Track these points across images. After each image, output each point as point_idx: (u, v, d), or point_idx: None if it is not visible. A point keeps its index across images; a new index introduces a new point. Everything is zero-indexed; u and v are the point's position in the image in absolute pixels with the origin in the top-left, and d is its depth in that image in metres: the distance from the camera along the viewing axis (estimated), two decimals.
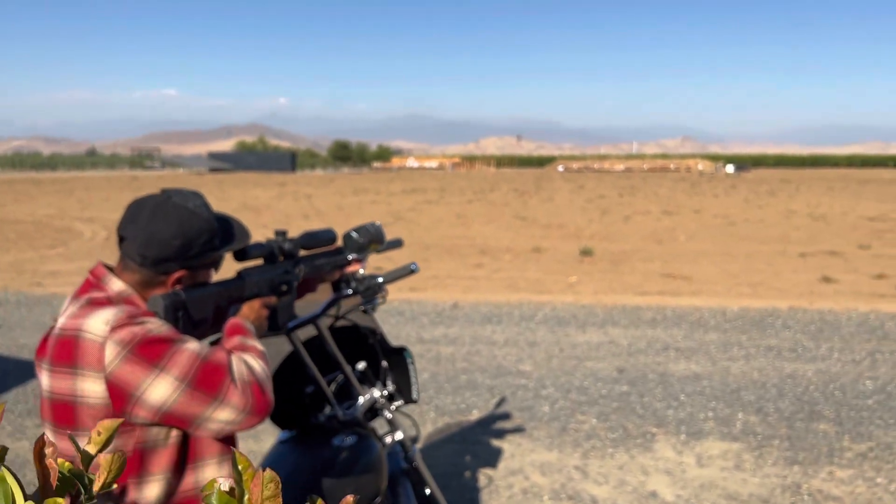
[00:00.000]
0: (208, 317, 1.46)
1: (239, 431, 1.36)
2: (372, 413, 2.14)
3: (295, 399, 2.01)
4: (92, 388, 1.28)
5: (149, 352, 1.28)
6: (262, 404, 1.35)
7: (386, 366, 2.21)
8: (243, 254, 1.54)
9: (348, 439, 1.93)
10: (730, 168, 63.49)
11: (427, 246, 12.20)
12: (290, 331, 1.88)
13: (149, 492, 1.33)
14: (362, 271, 1.95)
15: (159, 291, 1.40)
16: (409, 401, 2.21)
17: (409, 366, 2.18)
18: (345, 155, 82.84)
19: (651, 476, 3.45)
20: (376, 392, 2.10)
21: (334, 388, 2.05)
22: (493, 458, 3.68)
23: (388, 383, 2.20)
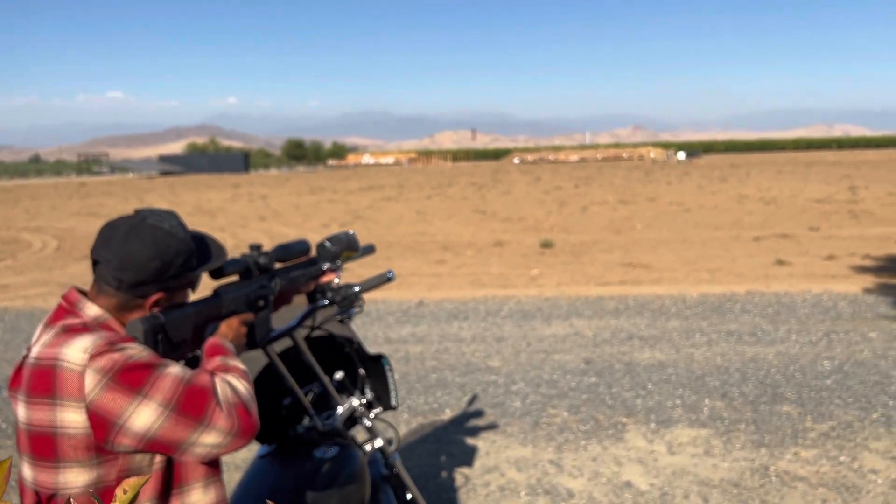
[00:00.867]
0: (188, 338, 1.43)
1: (225, 454, 1.34)
2: (351, 421, 2.13)
3: (273, 412, 1.98)
4: (72, 419, 1.25)
5: (130, 378, 1.24)
6: (249, 426, 1.33)
7: (364, 374, 2.20)
8: (219, 272, 1.51)
9: (330, 450, 1.92)
10: (681, 155, 64.88)
11: (388, 244, 12.16)
12: (265, 343, 1.85)
13: None
14: (337, 281, 1.94)
15: (137, 315, 1.36)
16: (388, 408, 2.20)
17: (388, 373, 2.18)
18: (299, 154, 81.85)
19: (624, 466, 3.51)
20: (355, 401, 2.09)
21: (312, 398, 2.03)
22: (468, 456, 3.70)
23: (366, 391, 2.20)
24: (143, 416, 1.24)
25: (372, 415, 2.17)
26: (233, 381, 1.36)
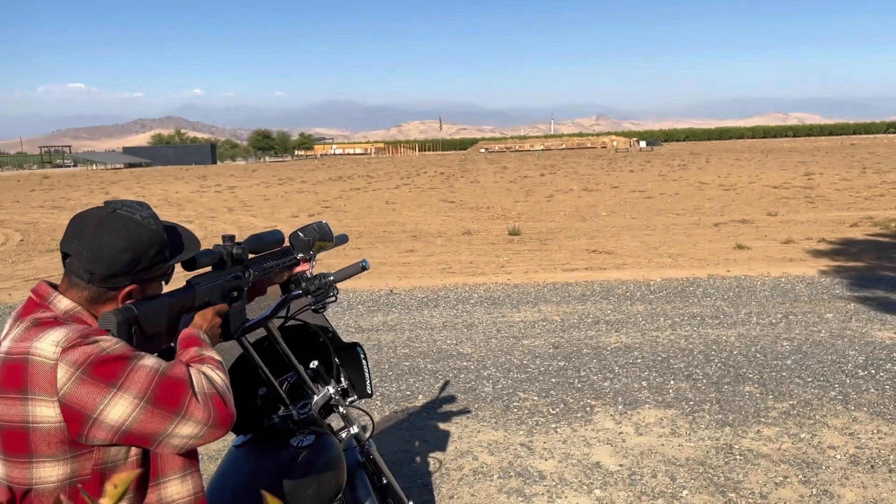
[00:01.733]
0: (162, 330, 1.42)
1: (202, 445, 1.34)
2: (326, 410, 2.14)
3: (248, 402, 1.98)
4: (44, 413, 1.23)
5: (104, 371, 1.23)
6: (225, 416, 1.33)
7: (338, 362, 2.21)
8: (193, 263, 1.50)
9: (306, 439, 1.93)
10: (642, 144, 65.77)
11: (358, 234, 12.11)
12: (240, 334, 1.85)
13: None
14: (311, 271, 1.94)
15: (109, 307, 1.35)
16: (363, 395, 2.22)
17: (362, 361, 2.19)
18: (266, 144, 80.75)
19: (594, 447, 3.59)
20: (330, 389, 2.10)
21: (287, 388, 2.03)
22: (441, 441, 3.73)
23: (341, 380, 2.21)
24: (118, 409, 1.24)
25: (347, 403, 2.18)
26: (209, 371, 1.36)
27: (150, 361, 1.29)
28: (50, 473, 1.26)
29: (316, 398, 2.02)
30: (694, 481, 3.19)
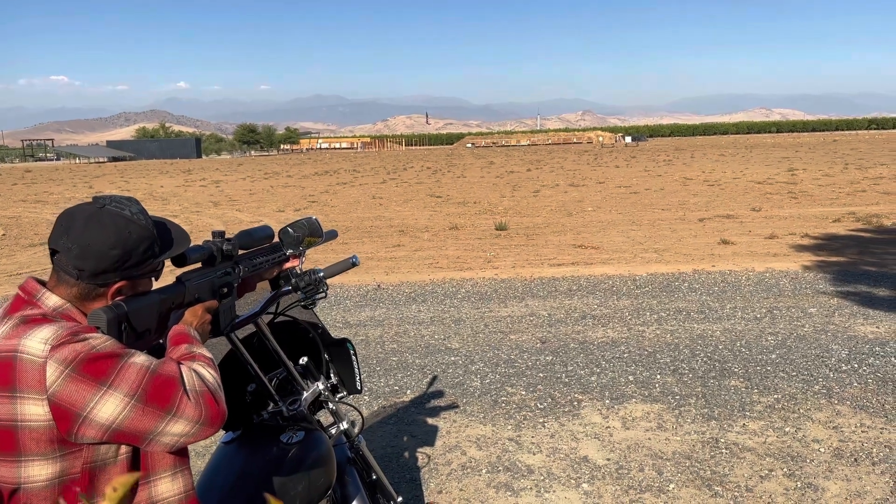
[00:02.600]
0: (152, 327, 1.41)
1: (193, 443, 1.33)
2: (316, 406, 2.13)
3: (237, 398, 1.97)
4: (33, 411, 1.22)
5: (94, 369, 1.22)
6: (217, 414, 1.32)
7: (328, 358, 2.21)
8: (182, 259, 1.49)
9: (296, 435, 1.92)
10: (628, 139, 66.08)
11: (346, 229, 12.08)
12: (230, 330, 1.84)
13: None
14: (301, 267, 1.93)
15: (98, 304, 1.34)
16: (353, 391, 2.21)
17: (352, 357, 2.18)
18: (252, 138, 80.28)
19: (581, 442, 3.61)
20: (320, 385, 2.09)
21: (276, 384, 2.03)
22: (429, 436, 3.74)
23: (331, 376, 2.20)
24: (108, 407, 1.23)
25: (336, 399, 2.17)
26: (199, 369, 1.35)
27: (140, 359, 1.28)
28: (39, 472, 1.25)
29: (305, 394, 2.02)
30: (680, 475, 3.22)
